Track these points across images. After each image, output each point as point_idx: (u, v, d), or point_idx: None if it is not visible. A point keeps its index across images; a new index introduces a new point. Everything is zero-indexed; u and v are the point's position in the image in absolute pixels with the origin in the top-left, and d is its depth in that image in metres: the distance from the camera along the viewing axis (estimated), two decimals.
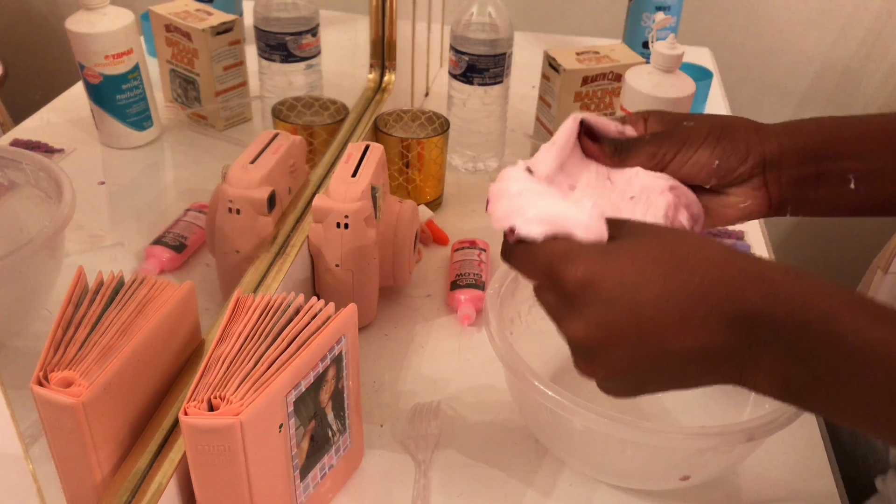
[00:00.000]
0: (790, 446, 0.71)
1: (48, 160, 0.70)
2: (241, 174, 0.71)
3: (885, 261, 1.32)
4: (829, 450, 0.72)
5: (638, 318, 0.39)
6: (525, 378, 0.59)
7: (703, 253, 0.39)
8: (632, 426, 0.56)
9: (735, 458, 0.64)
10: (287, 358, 0.54)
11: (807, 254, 1.77)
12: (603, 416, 0.56)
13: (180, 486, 0.56)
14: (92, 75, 0.79)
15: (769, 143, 0.53)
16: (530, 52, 1.25)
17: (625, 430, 0.56)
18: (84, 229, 0.75)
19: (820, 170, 0.53)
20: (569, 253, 0.42)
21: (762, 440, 0.59)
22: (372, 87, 1.04)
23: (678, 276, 0.39)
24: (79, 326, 0.52)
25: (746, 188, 0.54)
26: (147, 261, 0.75)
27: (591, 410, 0.56)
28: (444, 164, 0.99)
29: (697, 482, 0.64)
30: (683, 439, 0.56)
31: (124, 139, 0.84)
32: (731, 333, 0.39)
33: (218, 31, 0.87)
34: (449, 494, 0.66)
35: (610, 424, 0.56)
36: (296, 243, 0.75)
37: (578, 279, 0.40)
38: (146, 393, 0.55)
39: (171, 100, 0.93)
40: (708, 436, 0.56)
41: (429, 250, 0.94)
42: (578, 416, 0.57)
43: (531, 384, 0.59)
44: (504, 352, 0.61)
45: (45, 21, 0.85)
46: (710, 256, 0.39)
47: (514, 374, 0.60)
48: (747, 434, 0.56)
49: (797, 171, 0.53)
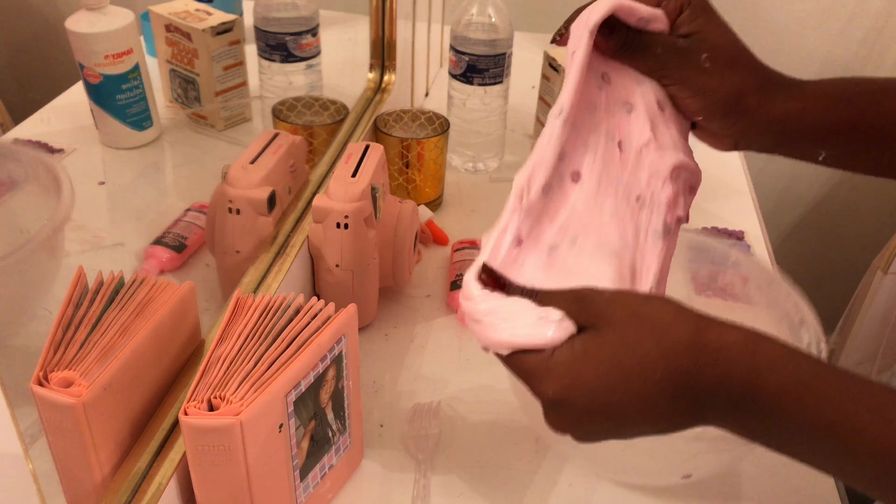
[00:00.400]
0: None
1: (47, 156, 0.70)
2: (241, 174, 0.71)
3: (885, 261, 1.32)
4: None
5: (609, 415, 0.44)
6: None
7: (661, 346, 0.43)
8: None
9: (735, 457, 0.64)
10: (287, 358, 0.54)
11: (807, 254, 1.77)
12: None
13: (180, 486, 0.56)
14: (92, 75, 0.79)
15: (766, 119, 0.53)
16: (530, 52, 1.25)
17: None
18: (84, 229, 0.75)
19: (792, 150, 0.55)
20: (537, 371, 0.45)
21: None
22: (372, 87, 1.04)
23: (639, 376, 0.43)
24: (79, 327, 0.52)
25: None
26: (147, 261, 0.75)
27: None
28: (444, 164, 0.99)
29: (698, 479, 0.64)
30: (684, 441, 0.56)
31: (124, 139, 0.84)
32: (690, 410, 0.43)
33: (218, 31, 0.87)
34: (449, 494, 0.66)
35: None
36: (296, 243, 0.75)
37: (552, 397, 0.44)
38: (146, 393, 0.55)
39: (171, 100, 0.93)
40: (708, 440, 0.56)
41: (429, 250, 0.94)
42: None
43: None
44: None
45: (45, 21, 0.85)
46: (669, 347, 0.42)
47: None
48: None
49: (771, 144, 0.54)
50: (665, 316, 0.44)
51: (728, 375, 0.42)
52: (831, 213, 1.72)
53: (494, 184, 1.07)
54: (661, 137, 0.53)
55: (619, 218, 0.52)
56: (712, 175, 1.10)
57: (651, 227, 0.52)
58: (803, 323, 0.66)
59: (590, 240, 0.52)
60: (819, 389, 0.41)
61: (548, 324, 0.45)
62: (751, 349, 0.42)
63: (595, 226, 0.52)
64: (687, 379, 0.42)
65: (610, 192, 0.53)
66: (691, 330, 0.43)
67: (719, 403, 0.42)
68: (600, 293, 0.46)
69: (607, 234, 0.52)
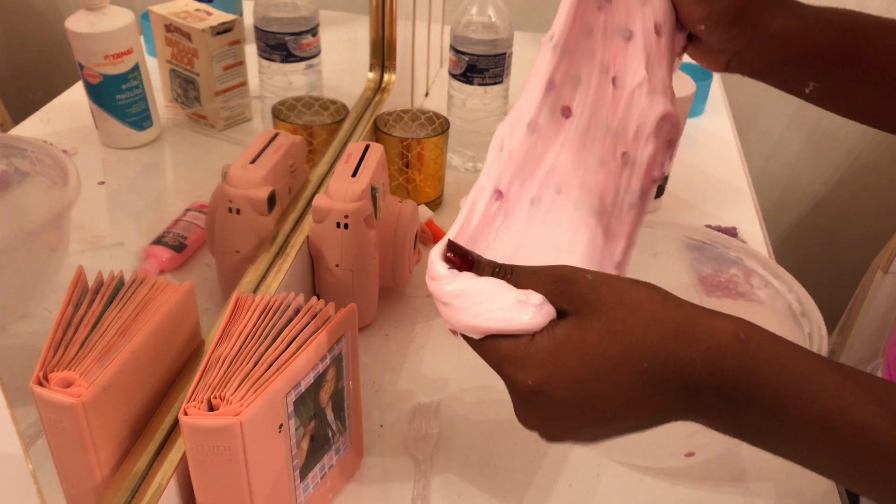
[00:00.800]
0: None
1: (52, 147, 0.70)
2: (241, 174, 0.71)
3: (885, 261, 1.32)
4: None
5: (590, 407, 0.42)
6: None
7: (651, 334, 0.40)
8: None
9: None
10: (287, 358, 0.54)
11: (807, 254, 1.77)
12: None
13: (180, 486, 0.56)
14: (92, 75, 0.79)
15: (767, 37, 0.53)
16: (530, 52, 1.24)
17: None
18: (84, 229, 0.75)
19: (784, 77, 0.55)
20: (515, 358, 0.42)
21: None
22: (372, 87, 1.04)
23: (626, 365, 0.40)
24: (79, 327, 0.52)
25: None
26: (147, 261, 0.75)
27: None
28: (443, 164, 0.99)
29: (702, 459, 0.65)
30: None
31: (124, 139, 0.84)
32: (678, 403, 0.41)
33: (218, 31, 0.87)
34: (449, 494, 0.66)
35: None
36: (296, 243, 0.75)
37: (530, 386, 0.41)
38: (146, 393, 0.55)
39: (171, 100, 0.93)
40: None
41: (429, 250, 0.94)
42: None
43: None
44: None
45: (45, 21, 0.85)
46: (658, 339, 0.40)
47: None
48: None
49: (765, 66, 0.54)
50: (654, 303, 0.41)
51: (720, 366, 0.40)
52: (831, 213, 1.72)
53: None
54: (654, 79, 0.51)
55: (604, 171, 0.50)
56: (712, 175, 1.11)
57: (630, 192, 0.51)
58: (805, 314, 0.66)
59: (572, 194, 0.49)
60: (816, 382, 0.39)
61: (526, 307, 0.42)
62: (743, 339, 0.40)
63: (580, 176, 0.50)
64: (677, 370, 0.40)
65: (598, 137, 0.51)
66: (681, 319, 0.41)
67: (710, 396, 0.40)
68: (583, 275, 0.43)
69: (590, 188, 0.50)
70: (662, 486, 0.67)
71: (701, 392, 0.40)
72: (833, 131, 1.61)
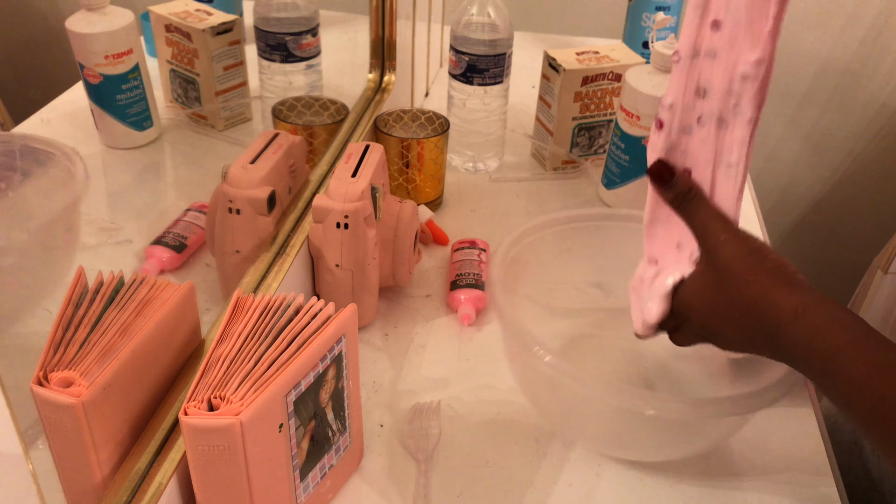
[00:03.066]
0: (784, 419, 0.73)
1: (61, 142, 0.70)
2: (241, 174, 0.71)
3: (885, 261, 1.32)
4: (820, 424, 0.74)
5: (714, 325, 0.58)
6: (535, 350, 0.62)
7: (751, 291, 0.54)
8: (619, 391, 0.61)
9: (727, 428, 0.67)
10: (287, 358, 0.54)
11: (807, 254, 1.77)
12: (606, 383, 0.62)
13: (180, 486, 0.56)
14: (92, 75, 0.79)
15: None
16: (530, 52, 1.25)
17: (617, 396, 0.61)
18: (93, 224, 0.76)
19: None
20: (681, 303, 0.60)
21: (751, 413, 0.62)
22: (372, 87, 1.04)
23: (730, 310, 0.56)
24: (79, 326, 0.52)
25: None
26: (147, 261, 0.75)
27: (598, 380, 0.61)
28: (443, 164, 0.99)
29: (692, 454, 0.67)
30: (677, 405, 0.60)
31: (124, 139, 0.84)
32: (763, 341, 0.54)
33: (218, 31, 0.87)
34: (449, 494, 0.66)
35: (611, 392, 0.61)
36: (296, 243, 0.75)
37: (680, 312, 0.60)
38: (146, 393, 0.55)
39: (171, 100, 0.93)
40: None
41: (429, 250, 0.94)
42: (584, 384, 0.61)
43: (540, 358, 0.62)
44: (510, 321, 0.64)
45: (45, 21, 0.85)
46: (755, 294, 0.53)
47: (523, 347, 0.63)
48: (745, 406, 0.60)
49: None
50: (750, 278, 0.54)
51: (775, 334, 0.52)
52: (831, 213, 1.73)
53: (494, 184, 1.07)
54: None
55: (730, 94, 0.56)
56: None
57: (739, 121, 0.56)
58: None
59: (713, 122, 0.57)
60: (847, 354, 0.48)
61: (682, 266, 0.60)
62: (799, 312, 0.51)
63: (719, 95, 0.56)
64: (761, 317, 0.53)
65: (736, 47, 0.56)
66: (759, 293, 0.53)
67: (780, 347, 0.52)
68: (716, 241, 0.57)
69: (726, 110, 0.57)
70: (662, 485, 0.67)
71: (776, 341, 0.52)
72: (833, 131, 1.61)
